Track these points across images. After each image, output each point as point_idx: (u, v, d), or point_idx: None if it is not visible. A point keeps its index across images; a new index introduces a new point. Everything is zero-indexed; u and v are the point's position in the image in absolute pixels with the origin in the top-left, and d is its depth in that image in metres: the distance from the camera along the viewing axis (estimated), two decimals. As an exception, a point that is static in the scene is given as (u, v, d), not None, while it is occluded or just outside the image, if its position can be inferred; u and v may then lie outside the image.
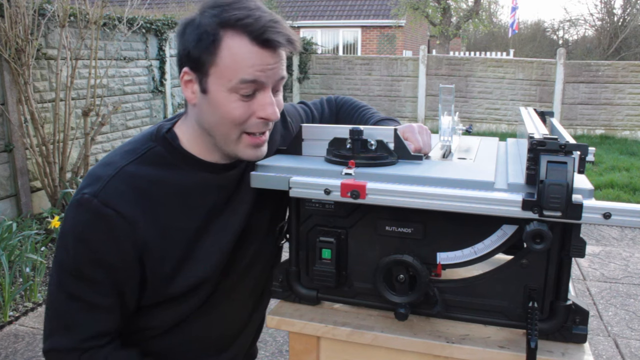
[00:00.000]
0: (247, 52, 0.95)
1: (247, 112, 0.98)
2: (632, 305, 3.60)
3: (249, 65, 0.95)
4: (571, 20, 31.68)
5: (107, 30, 5.75)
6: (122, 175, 0.99)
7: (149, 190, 1.00)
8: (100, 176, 0.99)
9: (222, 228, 1.07)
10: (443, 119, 1.16)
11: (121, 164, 1.00)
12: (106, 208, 0.95)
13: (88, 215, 0.96)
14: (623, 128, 9.73)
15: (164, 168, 1.02)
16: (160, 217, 1.00)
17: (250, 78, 0.95)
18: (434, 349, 0.97)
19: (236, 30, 0.95)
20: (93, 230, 0.96)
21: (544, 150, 0.85)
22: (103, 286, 0.98)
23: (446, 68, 10.56)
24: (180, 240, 1.02)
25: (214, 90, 0.97)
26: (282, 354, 2.92)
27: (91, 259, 0.97)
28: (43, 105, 4.96)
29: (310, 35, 13.38)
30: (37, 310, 3.32)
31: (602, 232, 5.04)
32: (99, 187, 0.97)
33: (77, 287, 0.98)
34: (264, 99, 0.98)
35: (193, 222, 1.04)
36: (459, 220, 0.94)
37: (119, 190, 0.97)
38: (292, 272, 1.09)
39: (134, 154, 1.02)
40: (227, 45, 0.95)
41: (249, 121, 0.99)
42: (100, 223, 0.96)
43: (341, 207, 1.02)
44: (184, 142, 1.05)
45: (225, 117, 0.98)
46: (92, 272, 0.97)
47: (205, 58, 0.96)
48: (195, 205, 1.04)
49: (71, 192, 4.65)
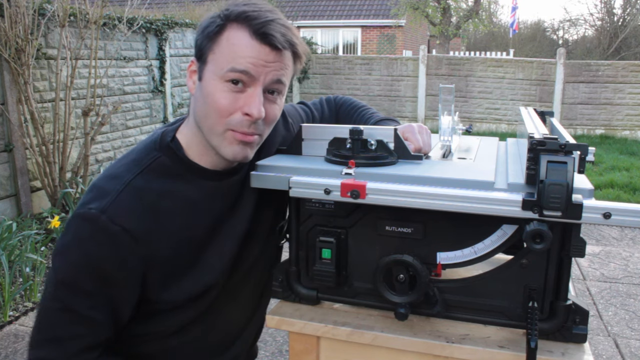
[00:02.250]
0: (245, 45, 0.96)
1: (232, 104, 0.97)
2: (632, 305, 3.60)
3: (242, 55, 0.95)
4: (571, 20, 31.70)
5: (107, 30, 5.75)
6: (130, 190, 0.97)
7: (157, 204, 0.99)
8: (107, 191, 0.97)
9: (227, 234, 1.07)
10: (443, 119, 1.16)
11: (128, 177, 0.99)
12: (113, 225, 0.94)
13: (94, 231, 0.94)
14: (623, 128, 9.73)
15: (170, 179, 1.02)
16: (169, 229, 1.00)
17: (241, 68, 0.95)
18: (434, 349, 0.97)
19: (239, 23, 0.96)
20: (98, 246, 0.94)
21: (544, 150, 0.85)
22: (99, 300, 0.96)
23: (446, 68, 10.56)
24: (187, 250, 1.02)
25: (207, 78, 0.98)
26: (282, 354, 2.92)
27: (92, 274, 0.95)
28: (43, 105, 4.96)
29: (310, 35, 13.39)
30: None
31: (602, 232, 5.04)
32: (106, 202, 0.95)
33: (72, 299, 0.96)
34: (253, 95, 0.97)
35: (200, 231, 1.04)
36: (459, 220, 0.94)
37: (127, 206, 0.96)
38: (292, 272, 1.09)
39: (140, 165, 1.01)
40: (228, 35, 0.97)
41: (234, 116, 0.97)
42: (106, 239, 0.94)
43: (341, 207, 1.02)
44: (187, 150, 1.04)
45: (212, 105, 0.97)
46: (91, 286, 0.95)
47: (206, 46, 0.98)
48: (202, 214, 1.04)
49: (71, 192, 4.66)
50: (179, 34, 7.32)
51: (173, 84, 7.28)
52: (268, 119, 1.02)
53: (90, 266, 0.95)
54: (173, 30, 7.14)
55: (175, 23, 7.12)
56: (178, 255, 1.01)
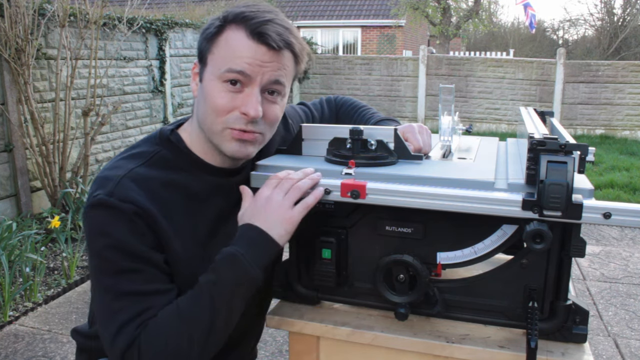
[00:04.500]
0: (242, 45, 0.96)
1: (230, 103, 0.98)
2: (632, 305, 3.60)
3: (239, 56, 0.96)
4: (571, 20, 31.70)
5: (107, 30, 5.75)
6: (132, 175, 0.98)
7: (161, 192, 0.99)
8: (109, 178, 0.97)
9: (229, 234, 1.07)
10: (443, 119, 1.16)
11: (130, 166, 0.99)
12: (124, 203, 0.94)
13: (107, 213, 0.94)
14: (623, 128, 9.73)
15: (172, 171, 1.02)
16: (174, 219, 0.99)
17: (238, 68, 0.96)
18: (434, 349, 0.97)
19: (237, 24, 0.97)
20: (115, 225, 0.94)
21: (544, 150, 0.85)
22: (148, 273, 0.95)
23: (446, 68, 10.56)
24: (192, 242, 1.02)
25: (207, 79, 1.00)
26: (282, 354, 2.92)
27: (123, 253, 0.94)
28: (43, 105, 4.95)
29: (310, 35, 13.38)
30: (37, 310, 3.32)
31: (602, 232, 5.04)
32: (111, 186, 0.95)
33: (123, 282, 0.94)
34: (250, 95, 0.98)
35: (203, 225, 1.04)
36: (459, 220, 0.94)
37: (132, 187, 0.96)
38: (292, 272, 1.09)
39: (142, 157, 1.01)
40: (226, 37, 0.98)
41: (231, 114, 0.98)
42: (121, 217, 0.94)
43: (341, 207, 1.02)
44: (189, 144, 1.05)
45: (210, 105, 0.99)
46: (133, 263, 0.94)
47: (206, 47, 1.00)
48: (204, 209, 1.04)
49: (71, 192, 4.65)
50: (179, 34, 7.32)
51: (173, 84, 7.28)
52: (268, 119, 1.02)
53: (117, 246, 0.93)
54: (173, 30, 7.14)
55: (175, 23, 7.11)
56: (184, 244, 1.01)
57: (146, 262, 0.95)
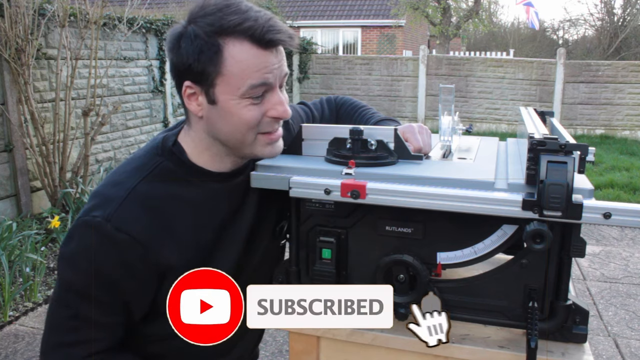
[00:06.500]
0: (252, 57, 0.94)
1: (259, 113, 0.98)
2: (632, 305, 3.60)
3: (255, 69, 0.94)
4: (571, 20, 31.67)
5: (107, 30, 5.75)
6: (134, 196, 0.97)
7: (162, 208, 0.99)
8: (111, 198, 0.97)
9: (233, 238, 1.07)
10: (443, 119, 1.16)
11: (132, 184, 0.98)
12: (120, 233, 0.94)
13: (99, 239, 0.94)
14: (623, 128, 9.73)
15: (174, 183, 1.02)
16: (175, 234, 1.00)
17: (259, 82, 0.95)
18: (434, 349, 0.97)
19: (236, 37, 0.93)
20: (105, 254, 0.94)
21: (544, 150, 0.85)
22: (112, 307, 0.97)
23: (446, 68, 10.56)
24: (195, 254, 1.02)
25: (224, 100, 0.96)
26: (282, 354, 2.92)
27: (103, 282, 0.95)
28: (43, 105, 4.95)
29: (310, 35, 13.37)
30: (37, 310, 3.32)
31: (602, 232, 5.04)
32: (111, 210, 0.95)
33: (83, 306, 0.96)
34: (274, 98, 0.98)
35: (207, 234, 1.04)
36: (459, 220, 0.94)
37: (132, 213, 0.96)
38: (292, 272, 1.09)
39: (143, 170, 1.01)
40: (230, 53, 0.93)
41: (262, 121, 0.99)
42: (113, 248, 0.94)
43: (341, 207, 1.02)
44: (190, 155, 1.04)
45: (239, 123, 0.97)
46: (103, 294, 0.96)
47: (210, 70, 0.94)
48: (208, 218, 1.04)
49: (71, 192, 4.65)
50: (179, 34, 7.32)
51: (173, 84, 7.27)
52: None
53: (100, 275, 0.95)
54: (173, 30, 7.14)
55: (175, 23, 7.11)
56: (186, 259, 1.00)
57: (116, 294, 0.97)
